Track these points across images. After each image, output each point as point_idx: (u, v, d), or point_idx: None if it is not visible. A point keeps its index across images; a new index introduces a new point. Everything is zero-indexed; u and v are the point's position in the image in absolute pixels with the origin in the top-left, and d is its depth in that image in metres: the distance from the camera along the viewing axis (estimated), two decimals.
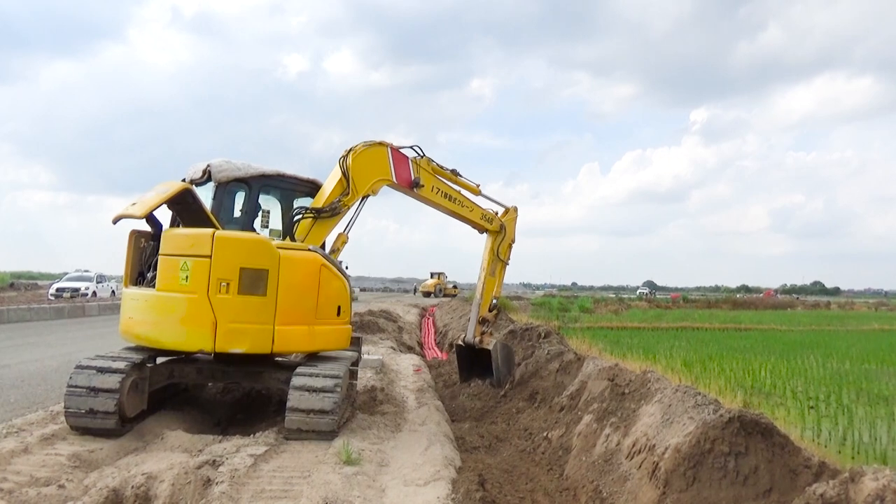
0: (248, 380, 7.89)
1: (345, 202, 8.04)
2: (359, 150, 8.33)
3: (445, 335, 23.40)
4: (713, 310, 51.45)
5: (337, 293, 7.46)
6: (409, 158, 9.00)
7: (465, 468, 6.27)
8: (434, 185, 9.38)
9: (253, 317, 6.85)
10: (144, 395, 7.04)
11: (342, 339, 7.74)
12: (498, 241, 10.85)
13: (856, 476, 3.70)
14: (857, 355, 18.15)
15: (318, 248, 7.54)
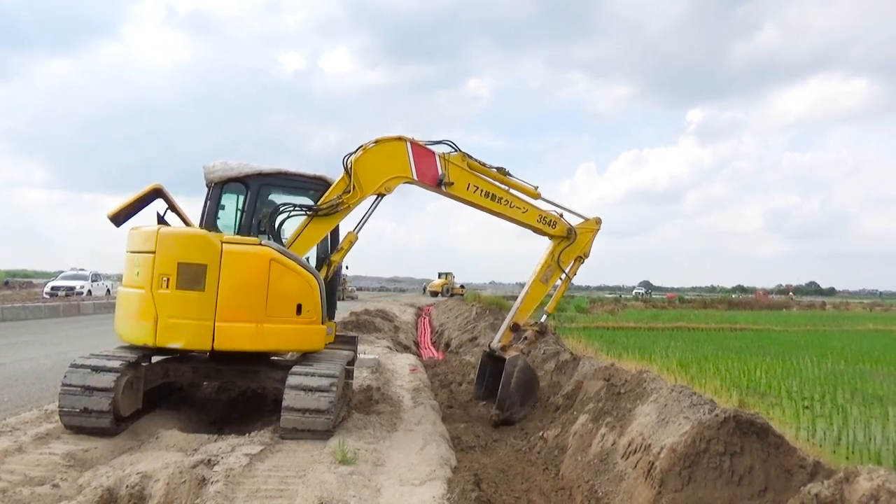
0: (243, 379, 7.82)
1: (346, 201, 7.71)
2: (368, 147, 7.92)
3: (441, 335, 23.41)
4: (709, 310, 51.56)
5: (296, 290, 7.03)
6: (435, 154, 8.28)
7: (461, 468, 6.27)
8: (471, 184, 8.47)
9: (191, 312, 6.78)
10: (139, 395, 7.00)
11: (310, 339, 7.28)
12: (563, 246, 9.37)
13: (850, 476, 3.71)
14: (851, 355, 18.21)
15: (271, 243, 7.18)
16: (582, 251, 9.59)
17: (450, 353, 18.31)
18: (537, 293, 9.54)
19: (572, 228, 9.34)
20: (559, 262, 9.40)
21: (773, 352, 18.69)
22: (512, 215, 8.84)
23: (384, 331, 19.62)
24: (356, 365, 10.01)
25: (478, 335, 18.65)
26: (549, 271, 9.47)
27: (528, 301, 9.52)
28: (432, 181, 8.20)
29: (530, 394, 9.13)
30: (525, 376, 9.06)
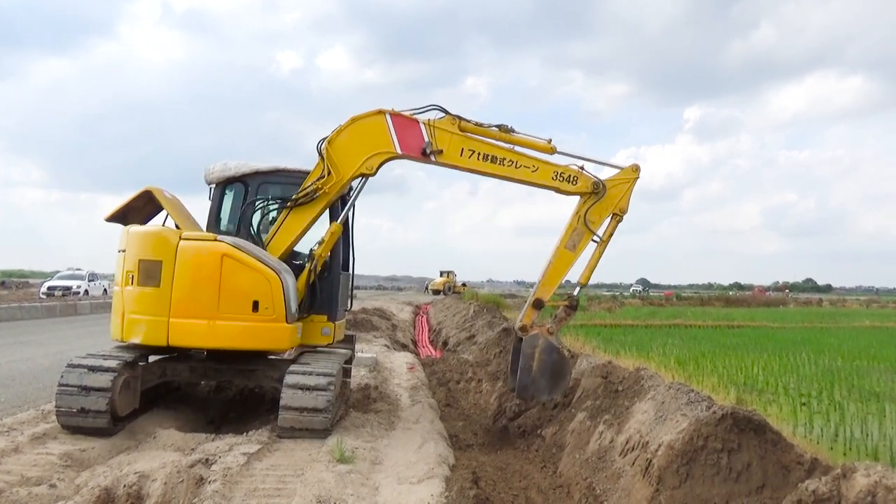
0: (240, 378, 7.80)
1: (321, 186, 7.32)
2: (343, 127, 7.42)
3: (439, 333, 23.42)
4: (706, 307, 51.65)
5: (252, 287, 6.80)
6: (419, 122, 7.49)
7: (459, 466, 6.27)
8: (465, 148, 7.52)
9: (148, 308, 6.86)
10: (137, 394, 6.98)
11: (270, 337, 6.96)
12: (589, 203, 7.80)
13: (848, 472, 3.71)
14: (848, 352, 18.26)
15: (227, 238, 7.01)
16: (617, 206, 7.86)
17: (448, 351, 18.31)
18: (563, 263, 7.86)
19: (599, 182, 7.78)
20: (586, 222, 7.80)
21: (770, 349, 18.73)
22: (520, 176, 7.71)
23: (382, 329, 19.62)
24: (354, 364, 10.00)
25: (475, 333, 18.65)
26: (575, 235, 7.84)
27: (552, 273, 7.87)
28: (417, 152, 7.44)
29: (559, 378, 7.82)
30: (549, 357, 7.76)
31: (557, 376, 7.84)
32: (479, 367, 13.04)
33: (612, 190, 7.82)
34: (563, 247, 7.88)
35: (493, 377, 11.78)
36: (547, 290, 7.96)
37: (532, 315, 7.96)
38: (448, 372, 13.04)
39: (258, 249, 7.15)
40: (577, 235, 7.87)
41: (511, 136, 7.81)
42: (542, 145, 7.89)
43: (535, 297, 7.93)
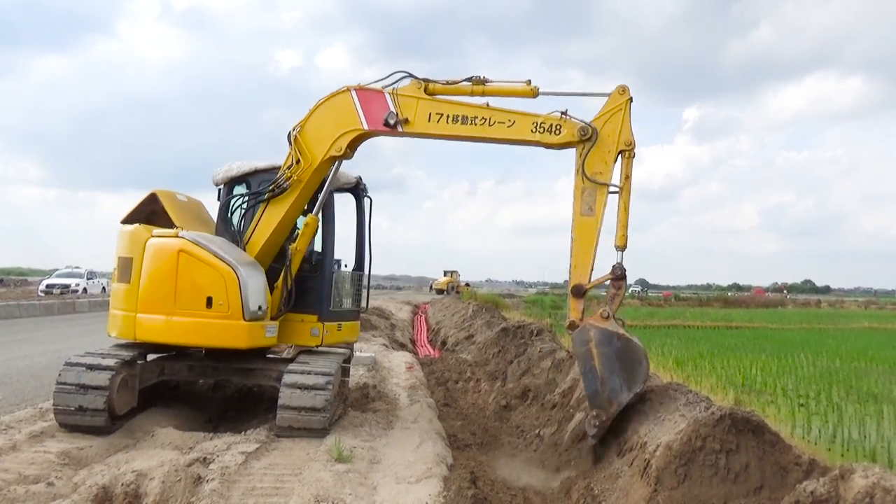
0: (239, 377, 7.75)
1: (292, 174, 7.11)
2: (311, 110, 7.18)
3: (438, 333, 23.42)
4: (705, 308, 51.76)
5: (206, 282, 6.72)
6: (384, 92, 7.00)
7: (457, 465, 6.27)
8: (434, 113, 6.88)
9: (122, 304, 7.07)
10: (135, 393, 6.97)
11: (225, 335, 6.79)
12: (584, 152, 6.51)
13: (846, 474, 3.72)
14: (847, 353, 18.29)
15: (189, 234, 6.94)
16: (619, 142, 6.51)
17: (446, 351, 18.32)
18: (587, 232, 6.45)
19: (587, 125, 6.52)
20: (591, 176, 6.46)
21: (768, 350, 18.76)
22: (495, 135, 6.82)
23: (380, 328, 19.61)
24: (352, 363, 10.00)
25: (474, 333, 18.66)
26: (587, 196, 6.49)
27: (579, 249, 6.47)
28: (382, 124, 6.94)
29: (632, 367, 6.17)
30: (610, 348, 6.22)
31: (629, 366, 6.16)
32: (478, 367, 13.06)
33: (605, 128, 6.55)
34: (579, 215, 6.51)
35: (491, 377, 11.79)
36: (582, 272, 6.48)
37: (577, 306, 6.53)
38: (446, 371, 13.05)
39: (223, 246, 7.01)
40: (588, 195, 6.51)
41: (485, 87, 6.98)
42: (521, 89, 6.95)
43: (572, 284, 6.52)
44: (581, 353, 6.38)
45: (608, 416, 6.08)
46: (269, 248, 7.44)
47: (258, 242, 7.34)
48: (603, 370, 6.20)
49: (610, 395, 6.13)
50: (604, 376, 6.20)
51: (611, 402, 6.12)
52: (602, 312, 6.36)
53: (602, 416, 6.09)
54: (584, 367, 6.33)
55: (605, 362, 6.19)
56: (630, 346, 6.25)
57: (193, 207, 8.08)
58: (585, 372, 6.31)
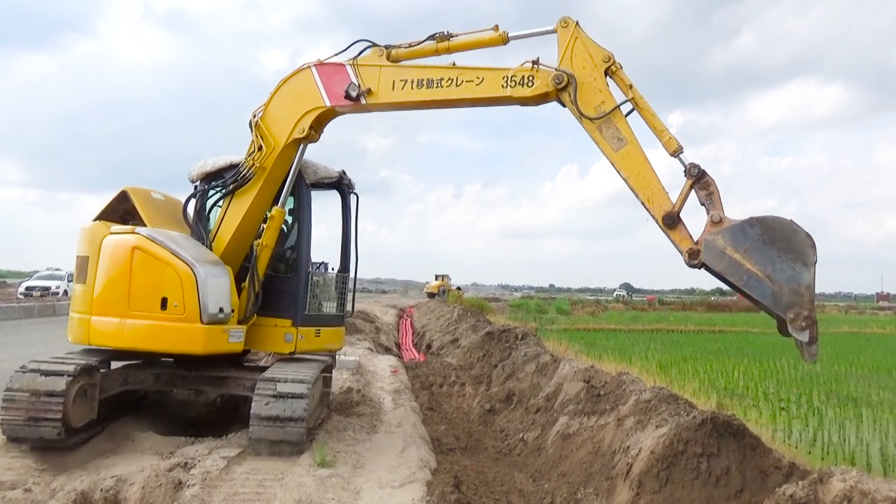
0: (210, 386, 7.16)
1: (255, 162, 6.71)
2: (272, 93, 6.85)
3: (423, 336, 23.39)
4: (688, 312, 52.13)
5: (160, 282, 6.24)
6: (345, 65, 6.65)
7: (441, 470, 6.25)
8: (397, 80, 6.48)
9: (78, 306, 6.67)
10: (94, 404, 6.33)
11: (181, 339, 6.25)
12: (571, 100, 5.93)
13: (824, 477, 3.77)
14: (827, 358, 18.48)
15: (145, 230, 6.49)
16: (600, 64, 5.93)
17: (431, 354, 18.30)
18: (632, 162, 5.72)
19: (562, 72, 5.95)
20: (594, 116, 5.81)
21: (750, 353, 18.93)
22: (465, 95, 6.31)
23: (365, 332, 19.55)
24: (337, 366, 9.93)
25: (459, 337, 18.65)
26: (606, 133, 5.81)
27: (639, 182, 5.66)
28: (343, 99, 6.57)
29: (792, 247, 5.11)
30: (756, 241, 5.17)
31: (787, 243, 5.12)
32: (463, 371, 13.05)
33: (576, 65, 5.96)
34: (613, 154, 5.79)
35: (476, 381, 11.79)
36: (660, 199, 5.61)
37: (680, 234, 5.55)
38: (431, 375, 13.03)
39: (183, 243, 6.54)
40: (607, 131, 5.81)
41: (450, 43, 6.51)
42: (490, 38, 6.46)
43: (659, 217, 5.58)
44: (724, 268, 5.25)
45: (808, 308, 4.99)
46: (238, 246, 6.98)
47: (224, 239, 6.90)
48: (762, 266, 5.15)
49: (790, 284, 5.05)
50: (768, 272, 5.15)
51: (798, 292, 5.04)
52: (712, 217, 5.38)
53: (802, 312, 4.98)
54: (740, 280, 5.22)
55: (757, 257, 5.16)
56: (769, 223, 5.22)
57: (169, 206, 7.55)
58: (745, 284, 5.20)
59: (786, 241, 5.09)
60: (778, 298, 5.03)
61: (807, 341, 4.94)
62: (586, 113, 5.80)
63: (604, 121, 5.76)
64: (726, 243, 5.18)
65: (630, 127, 5.73)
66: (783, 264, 5.04)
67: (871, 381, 13.82)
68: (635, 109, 5.74)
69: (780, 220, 5.15)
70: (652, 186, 5.61)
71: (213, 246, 6.87)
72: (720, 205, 5.41)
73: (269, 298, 6.96)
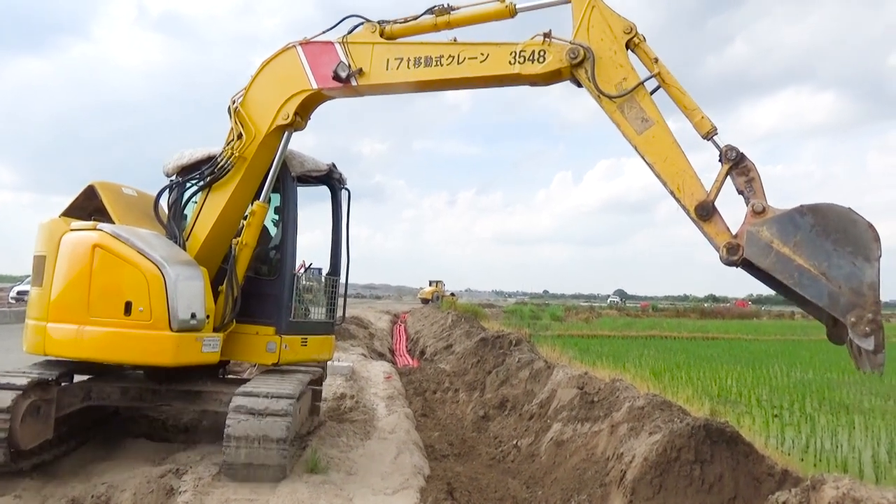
0: (184, 401, 6.37)
1: (235, 151, 6.14)
2: (254, 76, 6.28)
3: (417, 342, 23.36)
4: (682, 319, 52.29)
5: (124, 284, 5.59)
6: (334, 43, 6.08)
7: (434, 476, 6.24)
8: (392, 59, 5.88)
9: (34, 311, 6.01)
10: (49, 422, 5.62)
11: (147, 348, 5.58)
12: (588, 76, 5.21)
13: (817, 484, 3.77)
14: (820, 364, 18.57)
15: (109, 226, 5.87)
16: (620, 35, 5.22)
17: (425, 360, 18.28)
18: (659, 145, 5.04)
19: (578, 46, 5.25)
20: (614, 94, 5.12)
21: (743, 361, 18.98)
22: (466, 73, 5.69)
23: (359, 338, 19.50)
24: (330, 372, 9.91)
25: (453, 343, 18.64)
26: (630, 113, 5.12)
27: (667, 168, 5.00)
28: (332, 81, 6.00)
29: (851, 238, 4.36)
30: (808, 231, 4.47)
31: (844, 234, 4.38)
32: (457, 377, 13.03)
33: (593, 37, 5.27)
34: (637, 136, 5.11)
35: (469, 387, 11.78)
36: (692, 187, 4.93)
37: (716, 227, 4.84)
38: (425, 381, 13.01)
39: (151, 241, 5.90)
40: (630, 111, 5.14)
41: (450, 17, 5.90)
42: (495, 10, 5.81)
43: (692, 207, 4.89)
44: (772, 265, 4.55)
45: (873, 310, 4.29)
46: (215, 245, 6.36)
47: (200, 237, 6.28)
48: (816, 262, 4.43)
49: (850, 283, 4.32)
50: (823, 268, 4.42)
51: (860, 291, 4.30)
52: (753, 207, 4.69)
53: (866, 315, 4.27)
54: (790, 278, 4.48)
55: (810, 251, 4.45)
56: (823, 211, 4.49)
57: (142, 203, 6.87)
58: (797, 283, 4.46)
59: (843, 233, 4.38)
60: (836, 299, 4.32)
61: (872, 349, 4.26)
62: (606, 91, 5.11)
63: (626, 99, 5.09)
64: (773, 235, 4.50)
65: (656, 106, 5.08)
66: (841, 259, 4.33)
67: (864, 388, 13.86)
68: (661, 86, 5.08)
69: (835, 208, 4.45)
70: (683, 173, 4.96)
71: (187, 245, 6.27)
72: (762, 192, 4.73)
73: (250, 303, 6.32)
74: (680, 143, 4.98)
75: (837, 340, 4.61)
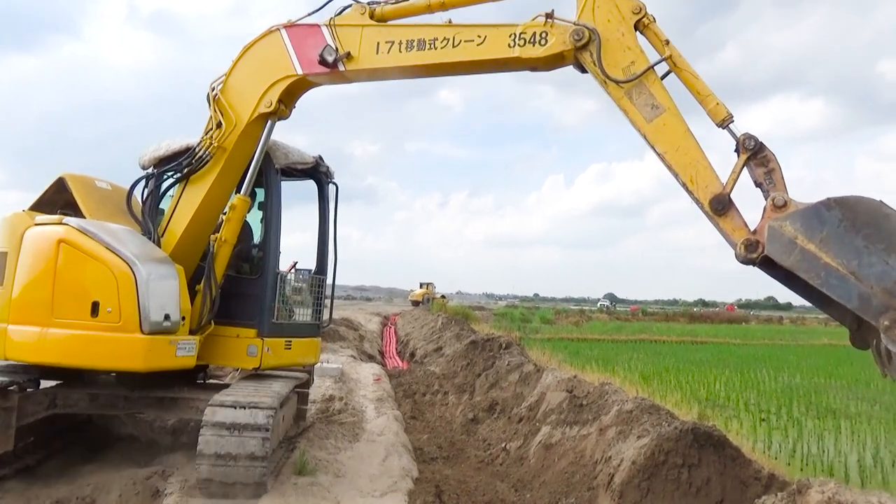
0: (158, 409, 6.01)
1: (214, 141, 5.79)
2: (235, 61, 5.97)
3: (407, 344, 23.33)
4: (671, 323, 52.48)
5: (91, 283, 5.22)
6: (320, 26, 5.75)
7: (423, 479, 6.23)
8: (382, 42, 5.53)
9: None
10: (10, 432, 5.17)
11: (116, 353, 5.20)
12: (594, 60, 4.84)
13: (803, 488, 3.80)
14: (807, 369, 18.71)
15: (74, 221, 5.47)
16: (628, 15, 4.84)
17: (415, 363, 18.26)
18: (670, 134, 4.67)
19: (583, 27, 4.87)
20: (622, 80, 4.76)
21: (732, 365, 19.07)
22: (462, 57, 5.31)
23: (349, 340, 19.45)
24: (319, 374, 9.86)
25: (443, 345, 18.63)
26: (638, 99, 4.76)
27: (679, 158, 4.63)
28: (317, 65, 5.66)
29: (884, 234, 4.02)
30: (834, 227, 4.09)
31: (877, 230, 4.04)
32: (446, 380, 13.03)
33: (598, 17, 4.89)
34: (646, 125, 4.73)
35: (459, 390, 11.77)
36: (705, 178, 4.56)
37: (732, 222, 4.48)
38: (414, 384, 12.99)
39: (122, 236, 5.54)
40: (639, 97, 4.77)
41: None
42: None
43: (706, 200, 4.51)
44: (796, 263, 4.17)
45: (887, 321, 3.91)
46: (192, 242, 5.99)
47: (176, 233, 5.91)
48: (845, 260, 4.07)
49: (883, 282, 3.96)
50: (852, 267, 4.06)
51: (893, 292, 3.96)
52: (774, 200, 4.33)
53: None
54: (816, 277, 4.11)
55: (838, 248, 4.08)
56: (852, 205, 4.13)
57: (116, 197, 6.48)
58: (824, 283, 4.09)
59: (874, 228, 4.02)
60: (866, 301, 3.95)
61: None
62: (613, 76, 4.75)
63: (634, 85, 4.73)
64: (797, 231, 4.12)
65: (667, 91, 4.72)
66: (872, 257, 3.97)
67: (850, 393, 13.97)
68: (672, 71, 4.73)
69: (865, 201, 4.08)
70: (696, 163, 4.58)
71: (162, 241, 5.90)
72: (783, 185, 4.37)
73: (230, 304, 5.97)
74: None
75: (862, 345, 4.28)
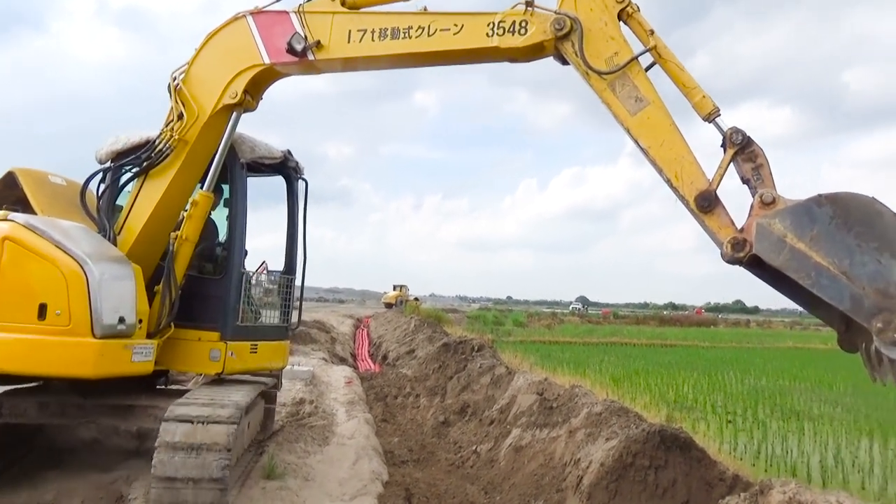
0: (113, 417, 5.60)
1: (175, 133, 5.51)
2: (198, 49, 5.67)
3: (379, 347, 23.26)
4: (642, 326, 53.10)
5: (37, 283, 4.86)
6: (289, 13, 5.51)
7: (392, 482, 6.22)
8: (354, 30, 5.27)
9: None
10: None
11: (64, 358, 4.83)
12: (575, 51, 4.65)
13: (765, 489, 3.88)
14: (773, 372, 19.10)
15: (21, 217, 5.12)
16: (612, 4, 4.66)
17: (387, 365, 18.20)
18: (655, 128, 4.49)
19: (564, 15, 4.69)
20: (604, 71, 4.56)
21: (700, 367, 19.38)
22: (437, 47, 5.09)
23: (321, 342, 19.33)
24: (289, 377, 9.78)
25: (415, 348, 18.60)
26: (622, 92, 4.56)
27: (664, 154, 4.45)
28: (286, 54, 5.39)
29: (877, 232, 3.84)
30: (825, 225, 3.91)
31: (869, 228, 3.86)
32: (418, 382, 13.01)
33: (583, 9, 4.69)
34: (630, 118, 4.53)
35: (431, 392, 11.77)
36: (690, 176, 4.39)
37: (718, 220, 4.32)
38: (386, 387, 12.96)
39: (73, 234, 5.22)
40: (622, 89, 4.57)
41: None
42: None
43: (691, 197, 4.36)
44: (785, 262, 3.98)
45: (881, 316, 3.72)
46: (152, 240, 5.69)
47: (134, 231, 5.61)
48: (836, 259, 3.88)
49: (876, 283, 3.78)
50: (844, 267, 3.88)
51: (886, 293, 3.77)
52: (762, 197, 4.14)
53: (894, 319, 3.70)
54: (806, 277, 3.92)
55: (829, 247, 3.90)
56: (844, 201, 3.94)
57: (72, 193, 6.11)
58: (814, 283, 3.90)
59: (867, 226, 3.86)
60: (859, 302, 3.78)
61: None
62: (595, 67, 4.57)
63: (617, 76, 4.55)
64: (786, 229, 3.96)
65: (652, 84, 4.55)
66: (865, 256, 3.81)
67: (814, 395, 14.31)
68: (657, 62, 4.56)
69: (858, 198, 3.90)
70: (681, 158, 4.42)
71: (119, 239, 5.60)
72: (772, 181, 4.20)
73: (192, 305, 5.70)
74: None
75: (850, 348, 4.14)
